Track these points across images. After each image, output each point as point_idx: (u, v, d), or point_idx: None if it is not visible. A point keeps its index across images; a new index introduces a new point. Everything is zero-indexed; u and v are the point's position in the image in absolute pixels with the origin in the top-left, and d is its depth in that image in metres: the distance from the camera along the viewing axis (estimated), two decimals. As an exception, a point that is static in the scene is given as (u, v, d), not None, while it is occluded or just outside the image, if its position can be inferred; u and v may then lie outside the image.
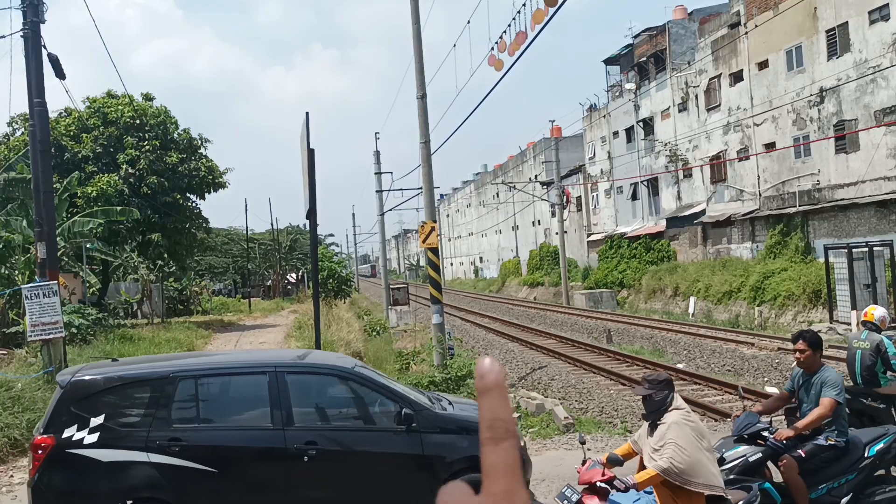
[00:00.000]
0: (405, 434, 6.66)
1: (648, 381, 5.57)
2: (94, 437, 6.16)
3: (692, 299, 31.93)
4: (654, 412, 5.45)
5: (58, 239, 16.86)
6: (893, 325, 20.54)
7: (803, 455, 5.93)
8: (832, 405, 5.85)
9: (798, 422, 6.05)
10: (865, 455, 5.96)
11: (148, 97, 31.99)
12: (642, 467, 5.38)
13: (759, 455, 5.90)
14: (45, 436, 6.16)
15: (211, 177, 31.97)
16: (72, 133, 29.35)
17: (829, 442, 5.97)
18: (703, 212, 35.85)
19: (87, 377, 6.59)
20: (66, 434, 6.14)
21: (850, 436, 6.07)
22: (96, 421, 6.20)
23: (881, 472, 6.14)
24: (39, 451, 6.10)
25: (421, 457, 6.69)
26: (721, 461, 5.75)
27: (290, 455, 6.38)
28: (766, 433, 6.01)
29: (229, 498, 6.39)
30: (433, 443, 6.75)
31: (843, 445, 5.98)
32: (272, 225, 68.70)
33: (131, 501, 6.13)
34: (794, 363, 6.34)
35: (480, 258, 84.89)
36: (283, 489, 6.38)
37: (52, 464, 6.09)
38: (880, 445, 6.01)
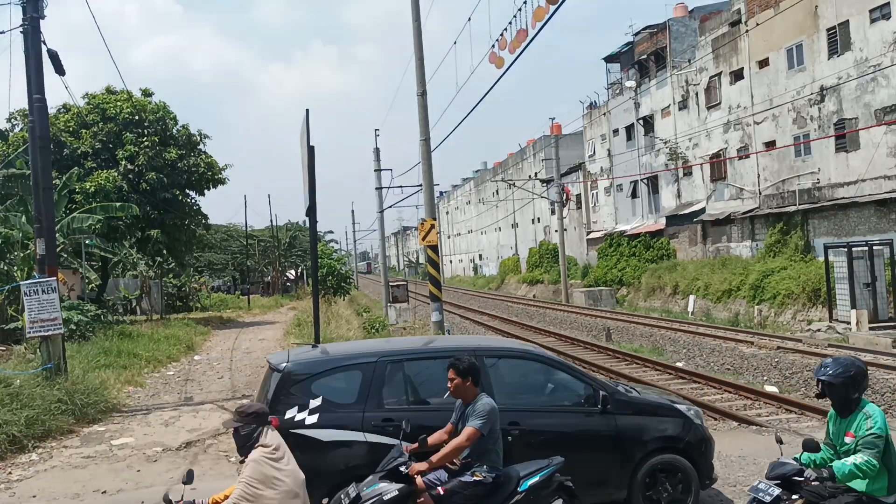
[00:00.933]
0: (599, 415, 6.91)
1: (237, 413, 5.15)
2: (314, 418, 6.47)
3: (691, 298, 31.93)
4: (243, 447, 5.06)
5: (57, 235, 16.82)
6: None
7: (442, 493, 5.51)
8: (470, 436, 5.48)
9: (434, 454, 5.68)
10: (518, 490, 5.61)
11: (147, 93, 31.93)
12: None
13: (396, 493, 5.45)
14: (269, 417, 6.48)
15: (210, 173, 31.93)
16: (71, 129, 29.30)
17: (475, 478, 5.53)
18: (702, 210, 35.84)
19: (302, 362, 6.93)
20: (288, 415, 6.45)
21: (503, 470, 5.69)
22: (315, 403, 6.52)
23: None
24: None
25: (616, 437, 6.92)
26: (357, 499, 5.47)
27: None
28: (403, 468, 5.52)
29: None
30: (627, 424, 6.97)
31: (491, 481, 5.55)
32: (271, 222, 68.80)
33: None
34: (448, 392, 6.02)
35: (480, 255, 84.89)
36: None
37: None
38: (535, 479, 5.65)
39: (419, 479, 5.54)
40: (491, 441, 5.61)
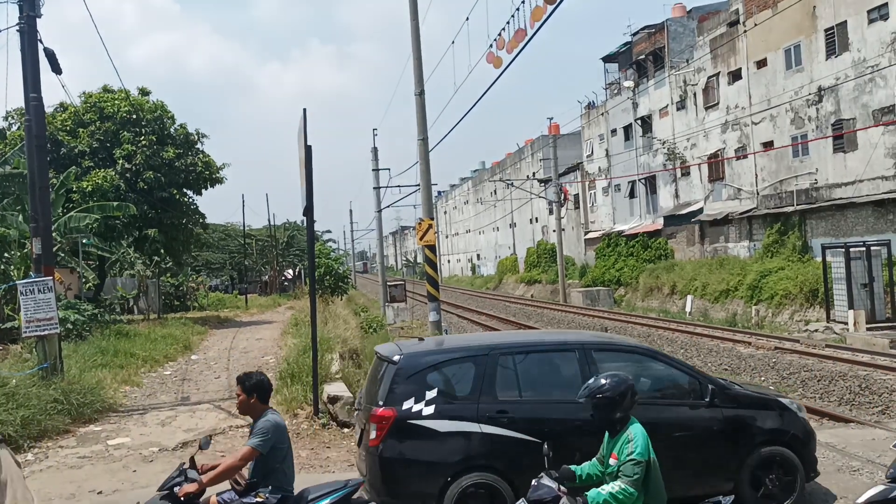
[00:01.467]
0: (706, 408, 7.06)
1: None
2: (430, 409, 6.63)
3: (689, 298, 31.93)
4: None
5: (54, 234, 16.79)
6: (887, 324, 20.54)
7: None
8: (245, 455, 5.33)
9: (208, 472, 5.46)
10: None
11: (144, 92, 31.87)
12: None
13: None
14: (386, 408, 6.64)
15: (208, 172, 31.87)
16: (68, 128, 29.23)
17: (258, 499, 5.33)
18: (700, 210, 35.85)
19: (416, 354, 7.15)
20: (405, 406, 6.63)
21: (290, 491, 5.50)
22: (430, 394, 6.69)
23: None
24: (383, 422, 6.60)
25: (723, 429, 7.06)
26: None
27: None
28: (177, 488, 5.29)
29: (554, 467, 6.68)
30: (734, 416, 7.11)
31: (275, 502, 5.33)
32: (269, 221, 68.78)
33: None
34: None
35: (478, 255, 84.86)
36: None
37: (396, 433, 6.62)
38: (326, 501, 5.42)
39: (213, 499, 5.40)
40: (276, 460, 5.42)
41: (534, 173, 59.36)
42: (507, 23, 13.50)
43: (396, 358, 6.95)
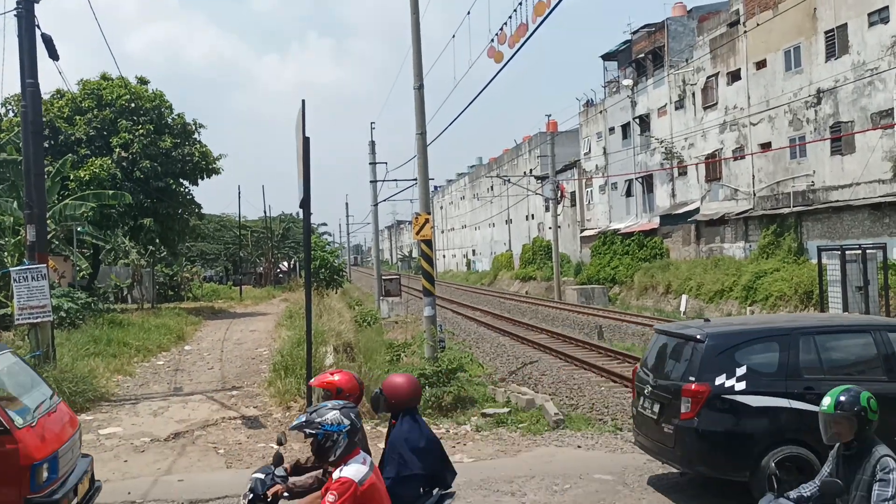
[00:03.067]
0: None
1: None
2: (742, 385, 7.08)
3: (684, 297, 31.96)
4: None
5: (48, 222, 16.70)
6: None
7: None
8: None
9: None
10: None
11: (143, 81, 31.74)
12: None
13: None
14: (699, 384, 7.14)
15: (204, 162, 31.77)
16: (65, 115, 29.09)
17: None
18: (696, 210, 35.87)
19: (722, 333, 7.60)
20: (717, 382, 7.10)
21: None
22: (740, 370, 7.12)
23: None
24: (698, 397, 7.11)
25: None
26: None
27: None
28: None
29: None
30: None
31: None
32: (265, 213, 68.59)
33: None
34: None
35: (473, 251, 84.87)
36: None
37: (710, 407, 7.11)
38: None
39: None
40: None
41: (531, 170, 59.35)
42: (510, 17, 13.47)
43: (700, 336, 7.39)
